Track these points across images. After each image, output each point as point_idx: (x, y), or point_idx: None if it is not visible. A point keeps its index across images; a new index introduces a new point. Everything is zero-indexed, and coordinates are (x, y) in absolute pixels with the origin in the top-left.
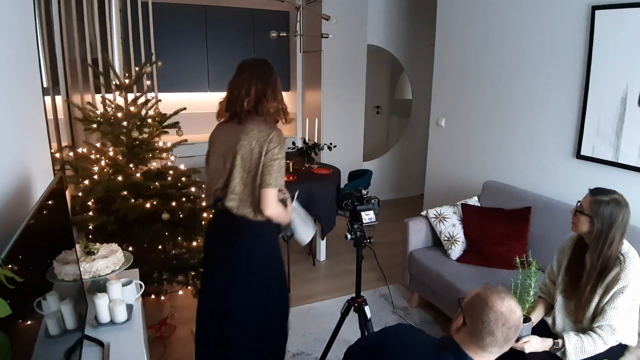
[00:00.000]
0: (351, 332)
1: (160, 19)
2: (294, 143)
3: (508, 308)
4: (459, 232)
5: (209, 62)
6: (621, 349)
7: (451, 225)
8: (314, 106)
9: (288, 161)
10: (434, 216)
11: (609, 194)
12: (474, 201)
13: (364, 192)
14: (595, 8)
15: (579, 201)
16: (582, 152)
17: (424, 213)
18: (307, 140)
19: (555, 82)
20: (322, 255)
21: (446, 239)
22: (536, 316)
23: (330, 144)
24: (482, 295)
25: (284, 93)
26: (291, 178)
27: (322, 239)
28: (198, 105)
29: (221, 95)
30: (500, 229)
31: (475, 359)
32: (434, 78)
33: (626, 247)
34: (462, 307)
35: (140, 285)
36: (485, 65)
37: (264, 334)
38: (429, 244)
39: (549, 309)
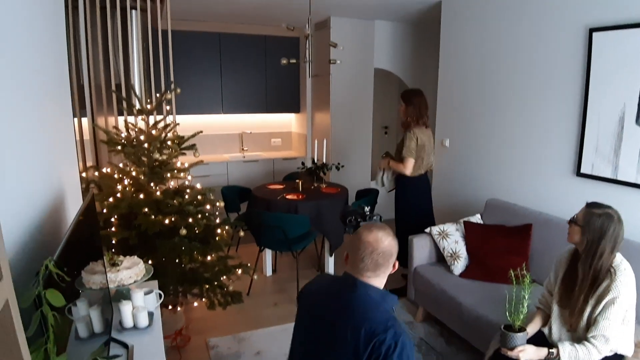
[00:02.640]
0: None
1: (178, 45)
2: (303, 163)
3: (374, 238)
4: (461, 249)
5: (223, 86)
6: (617, 358)
7: (454, 242)
8: (323, 127)
9: (297, 180)
10: (438, 233)
11: (603, 208)
12: (476, 219)
13: (366, 209)
14: (592, 30)
15: (576, 213)
16: (582, 170)
17: (427, 230)
18: (315, 161)
19: (554, 102)
20: (330, 270)
21: (449, 255)
22: (534, 327)
23: (339, 164)
24: (357, 232)
25: (293, 115)
26: (300, 196)
27: (331, 255)
28: (213, 127)
29: (234, 117)
30: (501, 245)
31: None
32: (438, 100)
33: (618, 260)
34: (347, 244)
35: (160, 294)
36: (486, 87)
37: None
38: (433, 260)
39: (547, 320)
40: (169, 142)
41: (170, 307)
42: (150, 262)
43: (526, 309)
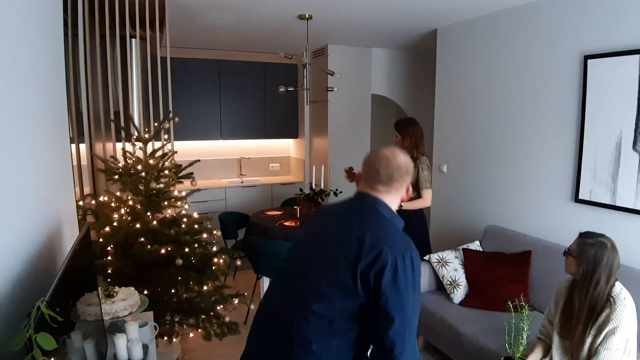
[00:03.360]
0: None
1: (178, 73)
2: (301, 189)
3: (392, 152)
4: (460, 276)
5: (222, 112)
6: None
7: (453, 270)
8: (322, 153)
9: (295, 207)
10: (437, 261)
11: (596, 237)
12: (475, 245)
13: None
14: (587, 57)
15: (571, 244)
16: (580, 196)
17: (427, 258)
18: (313, 187)
19: (551, 128)
20: None
21: (448, 283)
22: (535, 358)
23: (336, 189)
24: (374, 150)
25: (292, 140)
26: (298, 223)
27: None
28: (211, 152)
29: (232, 143)
30: (501, 273)
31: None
32: (435, 125)
33: (618, 288)
34: (362, 165)
35: (155, 327)
36: (483, 113)
37: None
38: (433, 287)
39: (548, 350)
40: (166, 171)
41: (165, 337)
42: (146, 292)
43: (525, 340)
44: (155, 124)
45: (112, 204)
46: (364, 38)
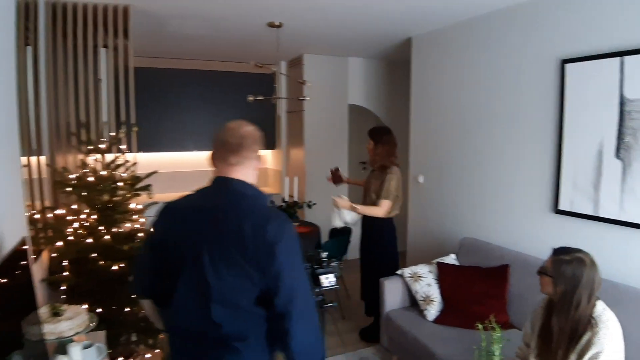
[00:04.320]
0: None
1: (151, 83)
2: (272, 202)
3: (236, 124)
4: (434, 292)
5: (197, 122)
6: None
7: (427, 285)
8: (298, 164)
9: None
10: (410, 275)
11: (572, 253)
12: (451, 259)
13: (323, 255)
14: (565, 62)
15: (544, 261)
16: (560, 207)
17: (400, 272)
18: (285, 199)
19: (529, 136)
20: None
21: (422, 299)
22: None
23: (310, 201)
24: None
25: (269, 151)
26: None
27: None
28: (185, 164)
29: (200, 154)
30: (477, 288)
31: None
32: (411, 135)
33: (600, 309)
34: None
35: (102, 348)
36: (459, 122)
37: None
38: (406, 304)
39: None
40: (121, 183)
41: (122, 358)
42: (100, 310)
43: None
44: (112, 134)
45: (69, 218)
46: (340, 48)
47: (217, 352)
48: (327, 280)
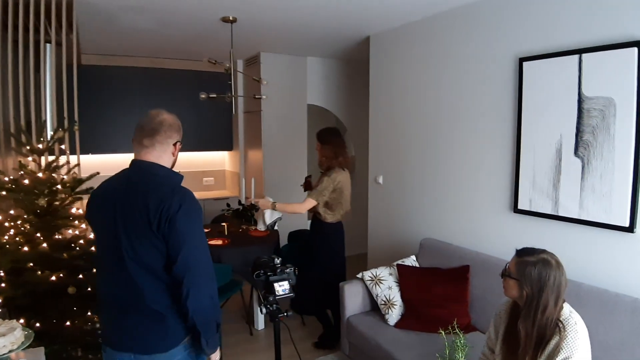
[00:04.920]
0: None
1: (102, 81)
2: (228, 205)
3: (156, 111)
4: (395, 295)
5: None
6: None
7: (387, 288)
8: (257, 165)
9: (223, 223)
10: (370, 279)
11: (536, 254)
12: (411, 261)
13: (277, 260)
14: (522, 60)
15: (507, 263)
16: (519, 206)
17: (359, 276)
18: (242, 202)
19: (488, 135)
20: (260, 324)
21: (383, 302)
22: None
23: None
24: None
25: (227, 153)
26: (225, 241)
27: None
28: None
29: None
30: (438, 290)
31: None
32: (370, 135)
33: (567, 312)
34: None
35: None
36: (417, 122)
37: None
38: (367, 308)
39: None
40: (59, 187)
41: None
42: (38, 325)
43: None
44: (52, 133)
45: (7, 224)
46: (298, 46)
47: (138, 318)
48: (281, 288)
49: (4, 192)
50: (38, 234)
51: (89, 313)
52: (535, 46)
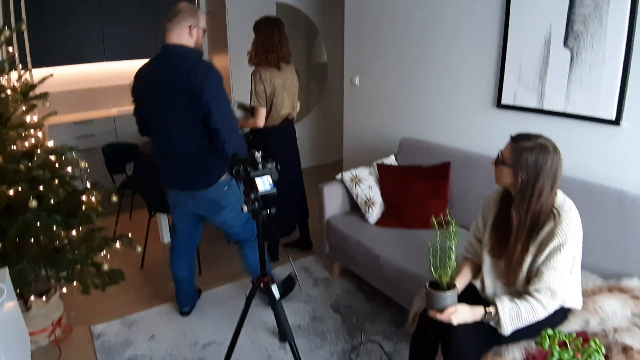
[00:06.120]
0: (266, 314)
1: None
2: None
3: (178, 4)
4: (376, 194)
5: (104, 29)
6: (564, 312)
7: (367, 188)
8: (224, 71)
9: None
10: (350, 179)
11: (533, 139)
12: (391, 160)
13: (257, 155)
14: None
15: (500, 151)
16: (503, 101)
17: (339, 177)
18: None
19: (471, 26)
20: None
21: (363, 202)
22: (462, 281)
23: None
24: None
25: None
26: None
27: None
28: (97, 78)
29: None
30: (418, 188)
31: None
32: (346, 33)
33: (561, 198)
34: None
35: (1, 288)
36: (397, 14)
37: None
38: (347, 209)
39: (477, 271)
40: (9, 92)
41: (45, 296)
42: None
43: (454, 262)
44: None
45: None
46: None
47: (183, 166)
48: (265, 183)
49: None
50: None
51: (54, 227)
52: None
